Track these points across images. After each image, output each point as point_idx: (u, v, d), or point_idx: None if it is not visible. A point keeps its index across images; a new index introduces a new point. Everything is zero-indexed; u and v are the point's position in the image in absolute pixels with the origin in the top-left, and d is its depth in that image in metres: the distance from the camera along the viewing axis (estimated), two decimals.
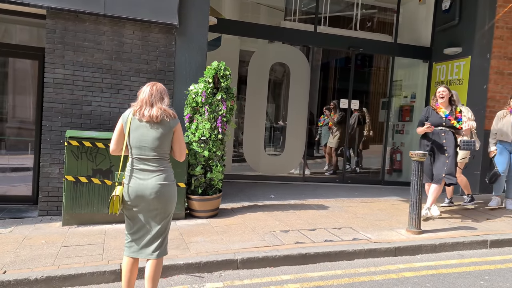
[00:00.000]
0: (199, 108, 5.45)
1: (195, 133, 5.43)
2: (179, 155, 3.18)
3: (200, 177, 5.44)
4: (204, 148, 5.41)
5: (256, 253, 4.23)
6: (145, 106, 2.96)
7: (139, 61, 5.69)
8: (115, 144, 3.03)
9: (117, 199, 2.90)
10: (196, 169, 5.39)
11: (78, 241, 4.45)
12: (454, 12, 7.82)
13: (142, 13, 5.52)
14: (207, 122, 5.39)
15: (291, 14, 9.06)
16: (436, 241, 4.80)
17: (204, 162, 5.45)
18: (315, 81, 10.36)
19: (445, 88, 5.64)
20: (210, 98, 5.38)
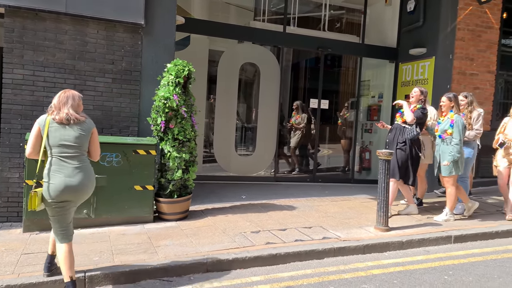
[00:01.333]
0: (172, 113, 5.24)
1: (177, 137, 5.27)
2: (95, 155, 3.58)
3: (178, 182, 5.34)
4: (184, 152, 5.30)
5: (226, 255, 4.19)
6: (56, 110, 3.32)
7: (104, 61, 5.54)
8: (32, 147, 3.28)
9: (34, 195, 3.22)
10: (177, 174, 5.26)
11: (40, 248, 4.28)
12: (419, 13, 8.00)
13: (106, 12, 5.37)
14: (187, 123, 5.30)
15: (261, 14, 9.06)
16: (403, 238, 4.88)
17: (184, 166, 5.35)
18: (286, 81, 10.41)
19: (417, 89, 5.78)
20: (183, 98, 5.27)
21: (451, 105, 5.59)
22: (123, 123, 5.68)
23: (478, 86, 8.05)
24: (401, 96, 8.52)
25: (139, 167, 5.14)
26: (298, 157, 9.31)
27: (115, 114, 5.63)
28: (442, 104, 5.69)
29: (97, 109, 5.53)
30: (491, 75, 8.17)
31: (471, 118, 6.16)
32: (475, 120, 6.17)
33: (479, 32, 7.95)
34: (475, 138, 6.17)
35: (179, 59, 5.36)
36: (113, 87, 5.60)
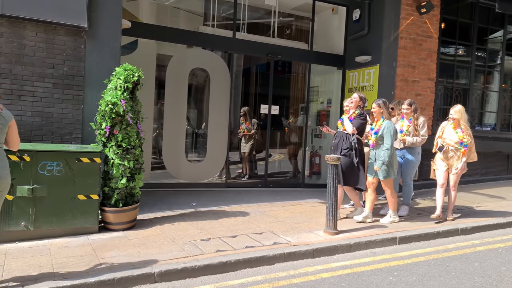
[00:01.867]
0: (118, 119, 5.07)
1: (122, 144, 5.10)
2: (14, 145, 3.67)
3: (123, 190, 5.15)
4: (129, 159, 5.13)
5: (175, 264, 4.10)
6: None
7: (44, 65, 5.28)
8: None
9: None
10: (121, 182, 5.07)
11: None
12: (364, 22, 8.29)
13: (45, 14, 5.13)
14: (133, 129, 5.13)
15: (210, 20, 9.02)
16: (351, 241, 5.00)
17: (129, 174, 5.17)
18: (238, 87, 10.43)
19: (357, 95, 5.94)
20: (130, 104, 5.11)
21: (381, 111, 5.74)
22: (65, 129, 5.43)
23: (420, 93, 8.45)
24: None
25: (82, 176, 4.91)
26: (249, 163, 9.32)
27: (57, 120, 5.37)
28: (373, 111, 5.83)
29: (36, 115, 5.26)
30: (431, 82, 8.60)
31: (417, 125, 6.35)
32: (421, 126, 6.36)
33: (420, 41, 8.36)
34: (420, 143, 6.36)
35: (128, 64, 5.19)
36: (54, 93, 5.35)
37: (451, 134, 6.00)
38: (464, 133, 5.91)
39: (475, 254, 4.97)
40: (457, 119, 5.92)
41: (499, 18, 9.84)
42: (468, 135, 5.95)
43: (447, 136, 6.05)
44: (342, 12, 9.01)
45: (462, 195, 8.09)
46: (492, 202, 7.55)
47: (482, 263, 4.66)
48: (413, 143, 6.26)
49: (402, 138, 6.28)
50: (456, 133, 5.95)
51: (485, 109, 10.21)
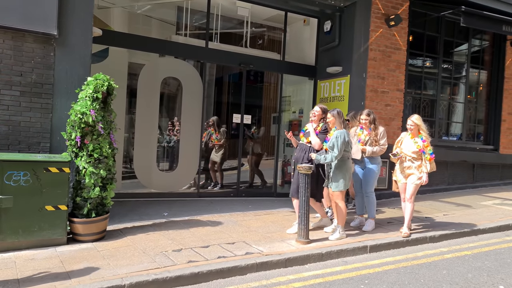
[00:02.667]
0: (88, 128, 4.99)
1: (93, 154, 5.00)
2: None
3: (95, 200, 5.04)
4: (101, 168, 5.03)
5: (146, 276, 4.04)
6: None
7: (11, 72, 5.15)
8: None
9: None
10: (94, 191, 4.97)
11: None
12: (334, 34, 8.47)
13: (12, 20, 5.02)
14: (105, 140, 5.04)
15: (183, 29, 9.01)
16: (323, 250, 5.05)
17: (101, 183, 5.07)
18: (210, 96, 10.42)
19: (318, 108, 5.96)
20: (101, 114, 5.03)
21: (335, 121, 5.62)
22: (33, 139, 5.29)
23: (389, 103, 8.68)
24: None
25: (51, 186, 4.79)
26: (221, 172, 9.30)
27: (24, 129, 5.23)
28: (329, 121, 5.72)
29: (3, 124, 5.12)
30: (400, 93, 8.85)
31: (377, 135, 6.26)
32: (381, 136, 6.28)
33: (389, 52, 8.60)
34: (380, 153, 6.26)
35: (101, 73, 5.11)
36: (21, 101, 5.22)
37: (409, 144, 5.85)
38: (426, 142, 5.73)
39: (443, 262, 5.11)
40: (415, 127, 5.79)
41: (464, 31, 10.25)
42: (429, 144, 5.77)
43: (405, 146, 5.90)
44: (314, 24, 9.18)
45: (430, 203, 8.32)
46: (459, 210, 7.79)
47: (450, 271, 4.79)
48: (373, 152, 6.19)
49: (362, 148, 6.24)
50: (414, 142, 5.79)
51: (452, 120, 10.57)
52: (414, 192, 5.86)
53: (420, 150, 5.72)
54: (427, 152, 5.70)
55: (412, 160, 5.82)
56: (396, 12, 8.49)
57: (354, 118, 6.91)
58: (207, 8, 8.11)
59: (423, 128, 5.81)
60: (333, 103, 8.52)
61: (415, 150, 5.76)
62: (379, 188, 8.20)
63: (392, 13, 8.40)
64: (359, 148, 6.26)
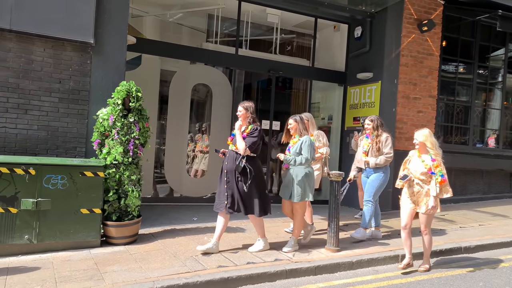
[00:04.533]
0: (108, 133, 5.17)
1: (107, 157, 5.14)
2: None
3: (114, 203, 5.16)
4: (115, 173, 5.16)
5: (177, 280, 4.09)
6: None
7: (51, 80, 5.36)
8: None
9: None
10: (109, 195, 5.12)
11: None
12: (365, 40, 8.41)
13: (53, 30, 5.24)
14: (119, 145, 5.15)
15: (213, 36, 9.14)
16: (353, 258, 4.99)
17: (116, 187, 5.19)
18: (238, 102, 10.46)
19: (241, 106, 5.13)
20: (120, 120, 5.15)
21: (297, 127, 5.23)
22: (69, 144, 5.48)
23: (421, 110, 8.51)
24: (349, 119, 8.85)
25: (86, 190, 4.95)
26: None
27: (62, 134, 5.43)
28: (290, 127, 5.28)
29: (42, 129, 5.32)
30: (432, 99, 8.67)
31: (380, 142, 5.73)
32: (384, 143, 5.72)
33: (421, 58, 8.45)
34: (385, 163, 5.72)
35: (124, 82, 5.26)
36: (59, 107, 5.42)
37: (417, 164, 4.82)
38: (436, 161, 4.71)
39: (479, 274, 4.94)
40: (421, 143, 4.77)
41: (501, 36, 9.96)
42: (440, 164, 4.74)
43: (413, 166, 4.86)
44: (344, 30, 9.14)
45: (464, 212, 8.09)
46: (495, 220, 7.54)
47: (486, 283, 4.64)
48: (376, 163, 5.68)
49: (365, 160, 5.80)
50: (421, 161, 4.77)
51: (487, 127, 10.25)
52: (429, 222, 4.87)
53: (429, 171, 4.71)
54: (437, 174, 4.68)
55: (421, 184, 4.78)
56: (429, 17, 8.34)
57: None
58: (237, 16, 8.21)
59: (429, 145, 4.75)
60: (363, 109, 8.44)
61: (423, 171, 4.74)
62: None
63: (424, 18, 8.26)
64: (363, 159, 5.88)
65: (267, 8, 8.48)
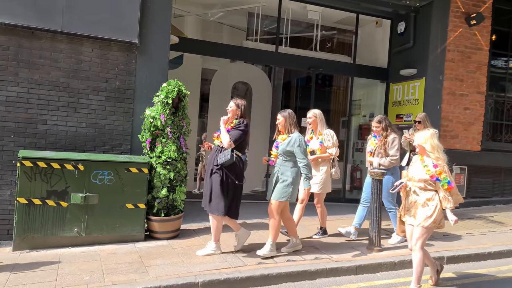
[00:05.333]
0: (159, 132, 5.32)
1: (161, 155, 5.29)
2: None
3: (164, 200, 5.31)
4: (169, 170, 5.29)
5: (218, 275, 4.16)
6: None
7: (98, 79, 5.57)
8: None
9: None
10: (162, 192, 5.25)
11: (30, 267, 4.22)
12: (409, 35, 8.17)
13: (101, 31, 5.44)
14: (173, 144, 5.30)
15: (253, 34, 9.18)
16: (395, 259, 4.89)
17: (169, 184, 5.33)
18: (277, 100, 10.48)
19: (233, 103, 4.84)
20: (170, 119, 5.30)
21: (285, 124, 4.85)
22: (116, 141, 5.68)
23: (468, 107, 8.19)
24: (392, 116, 8.64)
25: (131, 185, 5.12)
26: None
27: (108, 132, 5.63)
28: (278, 122, 4.92)
29: (90, 126, 5.54)
30: (481, 96, 8.32)
31: (386, 143, 5.44)
32: (390, 144, 5.41)
33: (468, 53, 8.13)
34: (390, 165, 5.38)
35: (171, 80, 5.40)
36: (106, 105, 5.62)
37: (417, 169, 4.12)
38: (439, 167, 3.96)
39: None
40: (420, 146, 4.06)
41: None
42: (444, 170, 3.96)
43: (412, 171, 4.18)
44: (386, 25, 8.93)
45: None
46: None
47: None
48: (380, 164, 5.37)
49: (369, 159, 5.55)
50: (424, 166, 4.04)
51: None
52: (423, 237, 4.02)
53: (432, 178, 3.96)
54: (443, 180, 3.94)
55: (417, 192, 4.07)
56: (477, 10, 8.00)
57: (426, 120, 6.55)
58: (277, 13, 8.20)
59: (429, 148, 4.02)
60: (406, 106, 8.22)
61: (423, 178, 4.01)
62: None
63: (473, 11, 7.93)
64: (367, 159, 5.65)
65: (308, 5, 8.42)
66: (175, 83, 5.35)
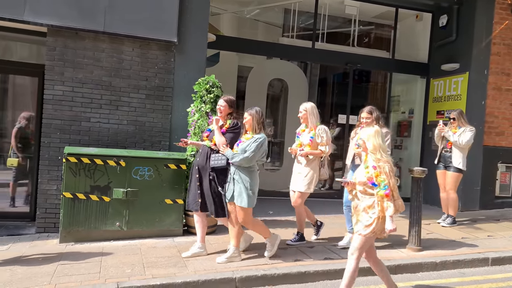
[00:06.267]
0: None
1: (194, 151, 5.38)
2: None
3: None
4: None
5: (255, 271, 4.19)
6: None
7: (138, 77, 5.72)
8: None
9: None
10: None
11: (75, 258, 4.41)
12: (451, 28, 7.90)
13: (141, 31, 5.57)
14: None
15: (289, 31, 9.14)
16: (437, 259, 4.75)
17: None
18: (313, 96, 10.41)
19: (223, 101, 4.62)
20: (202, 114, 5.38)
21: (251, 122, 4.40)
22: (155, 137, 5.81)
23: None
24: (432, 112, 8.40)
25: (169, 181, 5.24)
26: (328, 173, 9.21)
27: (148, 129, 5.77)
28: (245, 121, 4.45)
29: (131, 124, 5.69)
30: None
31: None
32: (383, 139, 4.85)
33: None
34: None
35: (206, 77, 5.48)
36: (146, 103, 5.76)
37: (360, 170, 3.68)
38: (378, 169, 3.46)
39: None
40: (364, 144, 3.62)
41: None
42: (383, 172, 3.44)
43: (357, 172, 3.74)
44: (427, 19, 8.67)
45: None
46: None
47: None
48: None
49: (358, 152, 4.65)
50: (365, 167, 3.59)
51: None
52: (361, 247, 3.59)
53: (369, 181, 3.49)
54: (380, 185, 3.44)
55: (359, 196, 3.61)
56: None
57: (461, 117, 6.31)
58: (314, 9, 8.12)
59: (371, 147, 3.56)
60: (448, 102, 7.96)
61: (362, 180, 3.55)
62: (501, 196, 7.46)
63: None
64: (355, 151, 4.87)
65: (345, 0, 8.30)
66: (210, 77, 5.44)
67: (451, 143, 6.22)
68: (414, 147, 8.89)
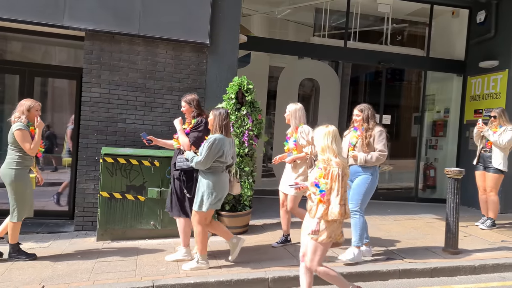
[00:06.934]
0: None
1: None
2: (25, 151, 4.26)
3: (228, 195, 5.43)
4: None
5: (287, 272, 4.19)
6: None
7: (172, 79, 5.82)
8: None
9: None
10: None
11: (112, 256, 4.53)
12: (490, 24, 7.64)
13: (174, 33, 5.67)
14: (235, 138, 5.40)
15: (321, 30, 9.07)
16: (475, 262, 4.61)
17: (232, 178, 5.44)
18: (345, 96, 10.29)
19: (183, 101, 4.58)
20: (234, 114, 5.41)
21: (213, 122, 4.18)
22: None
23: None
24: (469, 111, 8.16)
25: None
26: None
27: None
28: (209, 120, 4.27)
29: (164, 125, 5.80)
30: None
31: (371, 137, 4.54)
32: (377, 138, 4.53)
33: None
34: (377, 161, 4.52)
35: (236, 77, 5.53)
36: (179, 104, 5.81)
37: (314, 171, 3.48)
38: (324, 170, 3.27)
39: None
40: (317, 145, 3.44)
41: None
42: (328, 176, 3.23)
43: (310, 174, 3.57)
44: (464, 15, 8.41)
45: None
46: None
47: None
48: (366, 161, 4.49)
49: (353, 154, 4.59)
50: (317, 168, 3.38)
51: None
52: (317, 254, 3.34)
53: (314, 182, 3.32)
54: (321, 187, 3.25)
55: (312, 198, 3.38)
56: None
57: (502, 115, 6.07)
58: (346, 8, 8.03)
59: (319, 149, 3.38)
60: (486, 101, 7.70)
61: (311, 181, 3.39)
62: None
63: None
64: (350, 154, 4.64)
65: None
66: (239, 79, 5.48)
67: (491, 143, 6.02)
68: (450, 146, 8.65)
